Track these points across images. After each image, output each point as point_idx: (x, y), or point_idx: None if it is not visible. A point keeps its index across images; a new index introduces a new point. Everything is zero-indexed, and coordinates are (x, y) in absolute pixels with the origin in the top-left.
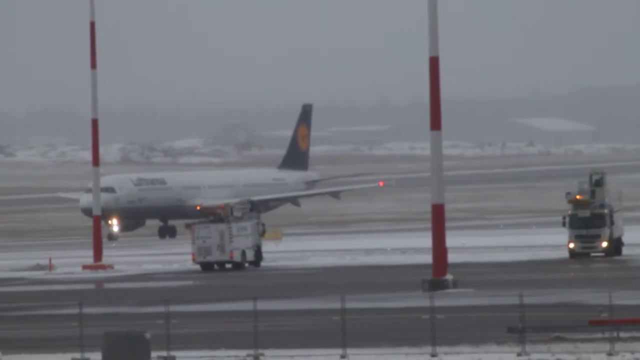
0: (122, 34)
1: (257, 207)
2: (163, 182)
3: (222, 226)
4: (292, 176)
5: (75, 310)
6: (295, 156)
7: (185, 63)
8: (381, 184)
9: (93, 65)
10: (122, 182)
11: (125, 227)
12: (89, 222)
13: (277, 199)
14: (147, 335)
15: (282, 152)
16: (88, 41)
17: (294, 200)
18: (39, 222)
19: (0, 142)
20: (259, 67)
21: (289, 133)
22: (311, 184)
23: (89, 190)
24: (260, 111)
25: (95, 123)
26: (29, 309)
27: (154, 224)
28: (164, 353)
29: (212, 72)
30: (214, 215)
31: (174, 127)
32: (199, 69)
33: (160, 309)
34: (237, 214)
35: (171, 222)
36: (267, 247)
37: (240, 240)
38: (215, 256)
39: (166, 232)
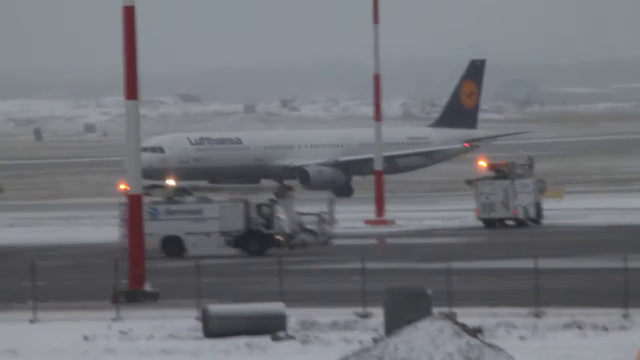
0: None
1: (345, 168)
2: (238, 141)
3: (506, 183)
4: (442, 134)
5: (358, 265)
6: (456, 113)
7: (462, 17)
8: (466, 145)
9: (375, 20)
10: (174, 141)
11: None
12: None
13: (366, 159)
14: (429, 291)
15: (563, 108)
16: None
17: (428, 157)
18: None
19: (285, 95)
20: (538, 23)
21: (571, 89)
22: (472, 142)
23: (141, 150)
24: (542, 67)
25: (377, 78)
26: (313, 263)
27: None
28: (445, 309)
29: (494, 26)
30: (498, 172)
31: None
32: (478, 22)
33: (442, 265)
34: (519, 170)
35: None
36: (549, 204)
37: (523, 197)
38: (499, 213)
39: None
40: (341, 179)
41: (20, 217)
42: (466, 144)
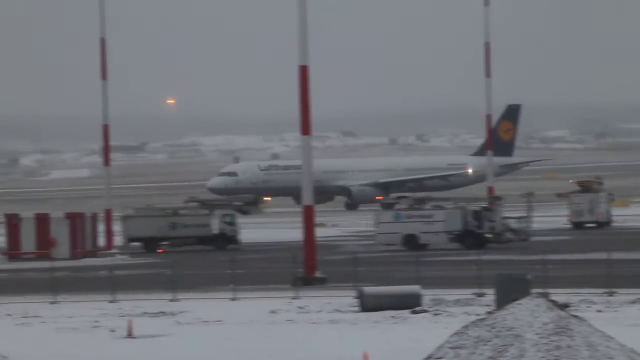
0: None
1: (388, 188)
2: (299, 167)
3: (591, 195)
4: (479, 161)
5: (476, 257)
6: (494, 145)
7: (553, 66)
8: (468, 170)
9: (488, 75)
10: (247, 168)
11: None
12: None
13: (404, 180)
14: (529, 277)
15: (630, 139)
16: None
17: (445, 180)
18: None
19: (420, 131)
20: (612, 74)
21: (636, 125)
22: (508, 167)
23: (219, 175)
24: (612, 108)
25: (489, 118)
26: (445, 255)
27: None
28: (541, 290)
29: (576, 75)
30: (584, 187)
31: (544, 120)
32: (562, 71)
33: (539, 257)
34: (597, 186)
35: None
36: (618, 211)
37: (602, 206)
38: (586, 218)
39: (351, 207)
40: (381, 196)
41: None
42: (467, 170)
